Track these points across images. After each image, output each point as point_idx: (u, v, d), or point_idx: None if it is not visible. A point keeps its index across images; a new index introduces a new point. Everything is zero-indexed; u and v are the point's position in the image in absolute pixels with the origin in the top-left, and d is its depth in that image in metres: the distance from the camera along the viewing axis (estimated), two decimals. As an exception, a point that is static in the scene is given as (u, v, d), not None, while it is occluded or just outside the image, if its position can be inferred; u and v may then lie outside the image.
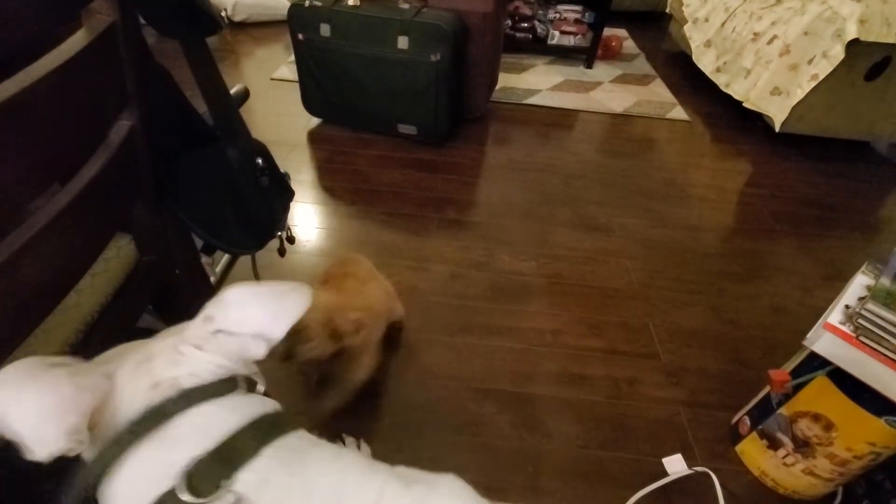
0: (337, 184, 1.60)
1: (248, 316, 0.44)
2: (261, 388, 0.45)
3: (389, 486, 0.41)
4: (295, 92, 1.87)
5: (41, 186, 0.52)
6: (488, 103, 2.03)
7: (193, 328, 0.45)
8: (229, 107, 0.70)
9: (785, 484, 0.88)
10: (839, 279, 1.38)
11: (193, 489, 0.34)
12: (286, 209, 0.85)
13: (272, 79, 2.18)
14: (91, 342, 0.66)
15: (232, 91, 0.82)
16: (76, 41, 0.51)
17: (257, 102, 2.02)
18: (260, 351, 0.44)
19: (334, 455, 0.43)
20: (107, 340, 0.72)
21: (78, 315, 0.65)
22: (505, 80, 2.24)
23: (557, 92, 2.20)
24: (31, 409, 0.35)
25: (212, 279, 1.14)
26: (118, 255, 0.71)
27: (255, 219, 0.77)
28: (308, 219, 1.46)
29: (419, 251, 1.36)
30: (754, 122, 2.05)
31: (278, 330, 0.44)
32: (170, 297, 0.91)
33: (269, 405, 0.43)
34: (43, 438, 0.34)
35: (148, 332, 0.95)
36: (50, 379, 0.36)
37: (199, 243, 0.90)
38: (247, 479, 0.37)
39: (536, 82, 2.26)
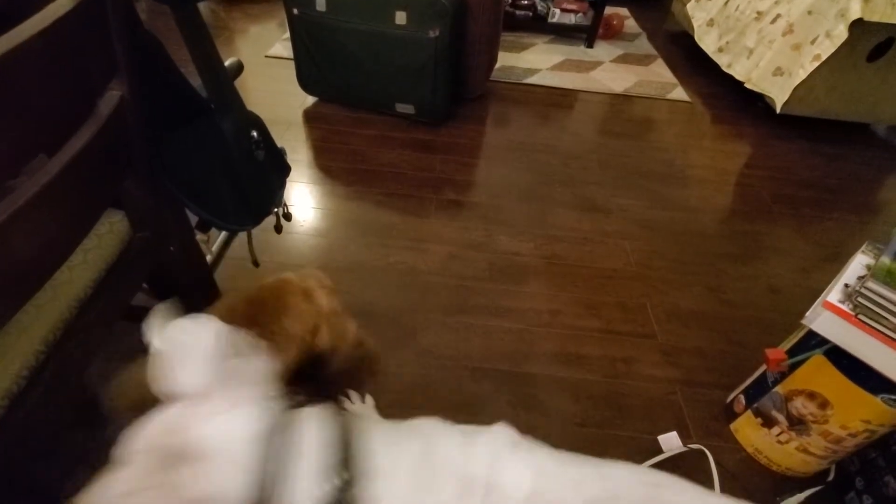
0: (333, 163, 1.58)
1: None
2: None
3: (441, 431, 0.46)
4: (290, 70, 1.83)
5: (26, 156, 0.50)
6: (487, 82, 1.99)
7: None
8: (223, 76, 0.68)
9: (778, 461, 0.89)
10: (836, 261, 1.38)
11: None
12: (282, 185, 0.84)
13: (267, 56, 2.13)
14: (86, 319, 0.65)
15: (226, 63, 0.80)
16: (61, 4, 0.49)
17: (252, 80, 1.98)
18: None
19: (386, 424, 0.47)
20: (102, 317, 0.72)
21: (71, 291, 0.64)
22: (504, 58, 2.20)
23: (557, 71, 2.17)
24: None
25: (208, 257, 1.12)
26: (111, 230, 0.70)
27: (250, 194, 0.75)
28: (304, 199, 1.44)
29: (417, 232, 1.35)
30: (755, 103, 2.03)
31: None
32: (165, 275, 0.90)
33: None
34: None
35: (143, 311, 0.94)
36: None
37: (193, 220, 0.89)
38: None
39: (536, 61, 2.22)
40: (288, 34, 1.73)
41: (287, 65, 1.98)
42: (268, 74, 2.02)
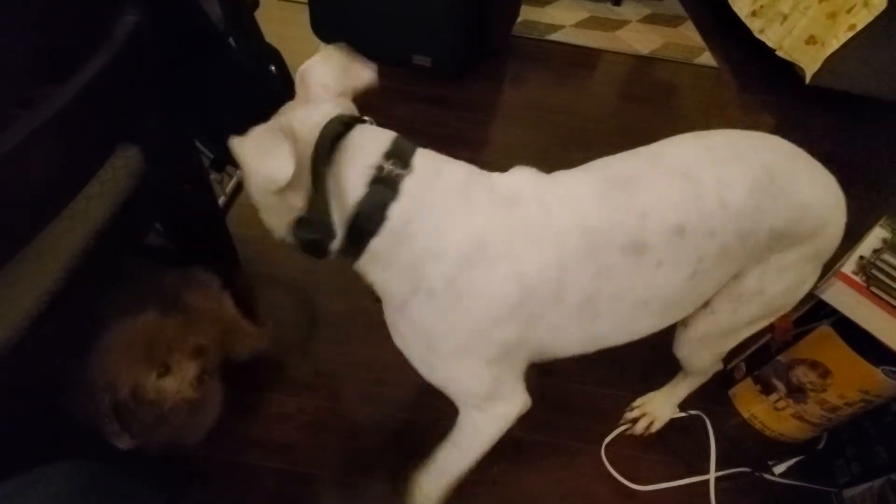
0: (346, 114, 1.55)
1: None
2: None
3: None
4: (304, 14, 1.77)
5: (37, 80, 0.50)
6: (508, 37, 1.92)
7: (317, 97, 0.54)
8: (243, 5, 0.66)
9: (773, 426, 0.91)
10: (851, 237, 1.36)
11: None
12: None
13: (280, -1, 2.06)
14: (103, 249, 0.66)
15: (241, -3, 0.77)
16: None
17: (262, 24, 1.91)
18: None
19: None
20: (118, 250, 0.73)
21: (88, 221, 0.64)
22: (527, 12, 2.11)
23: (581, 29, 2.08)
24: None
25: (221, 199, 1.13)
26: (126, 164, 0.70)
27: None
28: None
29: (428, 187, 1.34)
30: (785, 72, 1.95)
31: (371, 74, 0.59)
32: (178, 215, 0.90)
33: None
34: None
35: (159, 250, 0.95)
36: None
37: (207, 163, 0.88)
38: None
39: (560, 17, 2.13)
40: (303, -25, 1.66)
41: (301, 9, 1.90)
42: (280, 18, 1.95)
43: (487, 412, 0.62)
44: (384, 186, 0.48)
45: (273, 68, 0.72)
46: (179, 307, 0.73)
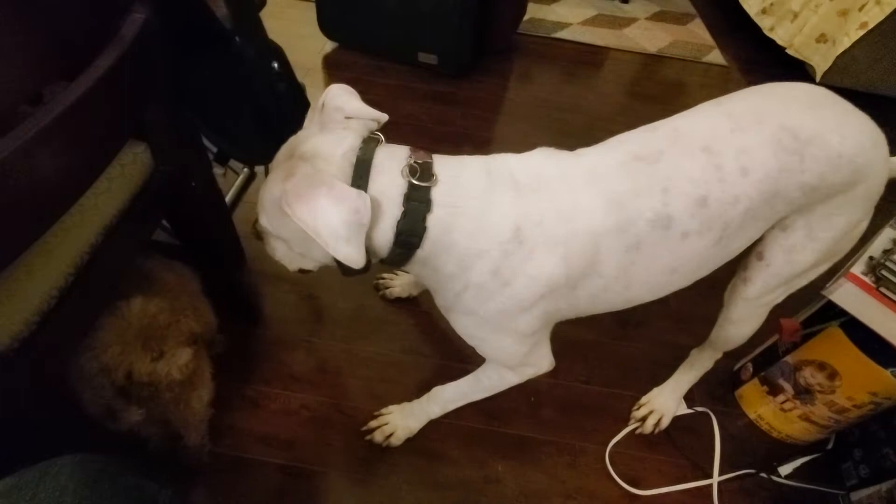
0: (352, 112, 1.55)
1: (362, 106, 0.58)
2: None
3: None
4: (311, 12, 1.77)
5: (46, 78, 0.50)
6: (514, 35, 1.92)
7: (331, 121, 0.58)
8: (248, 2, 0.66)
9: (780, 428, 0.90)
10: (860, 237, 1.34)
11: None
12: (301, 120, 0.82)
13: (287, -3, 2.06)
14: (112, 246, 0.66)
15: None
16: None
17: (269, 21, 1.91)
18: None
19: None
20: (126, 246, 0.73)
21: (97, 218, 0.65)
22: (533, 10, 2.10)
23: (589, 27, 2.07)
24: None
25: (227, 198, 1.13)
26: (134, 160, 0.70)
27: (270, 125, 0.74)
28: (322, 146, 1.43)
29: (434, 185, 1.34)
30: (795, 71, 1.93)
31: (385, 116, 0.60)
32: (185, 212, 0.91)
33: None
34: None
35: (165, 246, 0.95)
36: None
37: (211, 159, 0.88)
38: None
39: (567, 15, 2.12)
40: (310, -27, 1.67)
41: (308, 7, 1.91)
42: (287, 16, 1.96)
43: (517, 370, 0.71)
44: (418, 202, 0.52)
45: (276, 65, 0.72)
46: (162, 292, 0.73)
